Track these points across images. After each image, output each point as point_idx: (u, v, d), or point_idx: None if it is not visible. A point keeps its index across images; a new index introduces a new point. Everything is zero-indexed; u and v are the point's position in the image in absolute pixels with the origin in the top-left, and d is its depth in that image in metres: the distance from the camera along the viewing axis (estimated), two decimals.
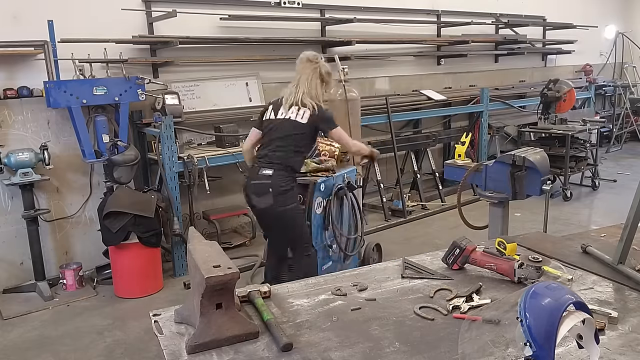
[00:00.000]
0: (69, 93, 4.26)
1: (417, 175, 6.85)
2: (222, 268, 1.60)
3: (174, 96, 4.82)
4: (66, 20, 4.44)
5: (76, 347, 3.63)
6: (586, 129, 6.93)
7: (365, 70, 6.79)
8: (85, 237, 4.87)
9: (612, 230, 2.55)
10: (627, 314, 1.74)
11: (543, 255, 2.09)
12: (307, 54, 3.58)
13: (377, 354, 1.56)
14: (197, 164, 4.69)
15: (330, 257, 4.08)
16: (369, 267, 2.27)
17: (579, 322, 1.32)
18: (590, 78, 9.60)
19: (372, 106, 6.36)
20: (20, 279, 4.58)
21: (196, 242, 1.85)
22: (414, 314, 1.79)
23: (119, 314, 4.12)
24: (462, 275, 2.10)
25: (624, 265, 2.06)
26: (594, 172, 7.45)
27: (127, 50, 4.87)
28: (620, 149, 10.14)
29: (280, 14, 5.84)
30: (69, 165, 4.73)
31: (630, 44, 10.86)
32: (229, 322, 1.62)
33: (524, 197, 3.68)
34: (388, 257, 4.61)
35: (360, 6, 6.56)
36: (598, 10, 10.41)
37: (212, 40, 5.28)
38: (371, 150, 3.85)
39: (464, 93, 7.68)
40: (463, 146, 4.08)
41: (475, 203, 6.12)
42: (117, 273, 4.46)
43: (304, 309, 1.86)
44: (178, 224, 4.67)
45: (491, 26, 8.35)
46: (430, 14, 7.40)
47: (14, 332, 3.88)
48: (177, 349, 1.60)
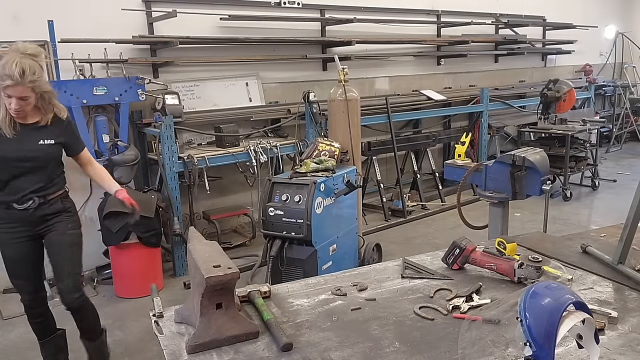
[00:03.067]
0: (69, 93, 4.26)
1: (417, 175, 6.85)
2: (222, 268, 1.60)
3: (174, 96, 4.83)
4: (66, 20, 4.44)
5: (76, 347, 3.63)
6: (586, 129, 6.93)
7: (365, 70, 6.80)
8: (85, 237, 4.82)
9: (612, 230, 2.55)
10: (627, 314, 1.74)
11: (543, 255, 2.09)
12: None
13: (377, 354, 1.56)
14: (197, 164, 4.69)
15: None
16: (369, 267, 2.27)
17: (579, 322, 1.32)
18: (590, 78, 9.59)
19: (372, 106, 6.36)
20: None
21: (196, 242, 1.85)
22: (414, 314, 1.79)
23: (119, 314, 4.11)
24: (462, 275, 2.10)
25: (623, 265, 2.06)
26: (594, 172, 7.46)
27: (127, 50, 4.87)
28: (620, 149, 10.14)
29: (280, 14, 5.84)
30: (69, 165, 4.69)
31: (630, 44, 10.86)
32: (229, 322, 1.63)
33: (524, 197, 3.68)
34: (388, 257, 4.61)
35: (360, 6, 6.56)
36: (598, 10, 10.41)
37: (212, 40, 5.28)
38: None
39: (464, 93, 7.68)
40: (463, 146, 4.08)
41: (475, 203, 6.13)
42: (117, 273, 4.46)
43: (304, 309, 1.86)
44: (178, 224, 4.67)
45: (491, 26, 8.35)
46: (430, 14, 7.40)
47: (14, 332, 3.88)
48: (177, 349, 1.61)
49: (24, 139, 2.66)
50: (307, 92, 5.40)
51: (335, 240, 4.11)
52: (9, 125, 2.62)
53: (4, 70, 2.45)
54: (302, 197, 3.77)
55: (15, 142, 2.64)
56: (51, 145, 2.74)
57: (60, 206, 2.86)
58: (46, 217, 2.81)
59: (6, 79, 2.45)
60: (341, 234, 4.21)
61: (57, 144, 2.79)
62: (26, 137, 2.67)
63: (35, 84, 2.52)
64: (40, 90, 2.58)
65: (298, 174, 3.96)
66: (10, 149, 2.63)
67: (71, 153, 2.95)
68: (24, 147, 2.66)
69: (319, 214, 3.84)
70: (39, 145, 2.70)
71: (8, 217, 2.74)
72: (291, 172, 4.07)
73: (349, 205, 4.31)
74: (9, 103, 2.55)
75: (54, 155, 2.79)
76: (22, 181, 2.69)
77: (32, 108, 2.65)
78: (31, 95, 2.55)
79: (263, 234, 4.01)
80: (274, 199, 3.87)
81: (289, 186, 3.89)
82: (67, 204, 2.93)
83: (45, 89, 2.62)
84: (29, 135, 2.68)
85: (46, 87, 2.64)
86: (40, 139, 2.70)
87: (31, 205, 2.72)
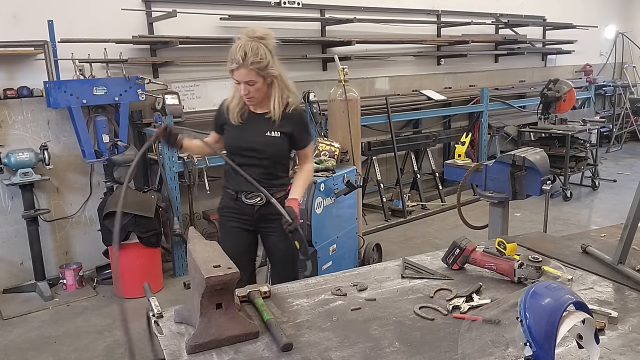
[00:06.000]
0: (69, 93, 4.26)
1: (417, 175, 6.85)
2: (222, 268, 1.60)
3: (174, 96, 4.83)
4: (66, 20, 4.44)
5: (76, 347, 3.63)
6: (586, 129, 6.92)
7: (365, 70, 6.79)
8: (85, 237, 4.87)
9: (612, 230, 2.55)
10: (627, 314, 1.74)
11: (543, 255, 2.09)
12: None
13: (377, 354, 1.56)
14: (197, 164, 4.69)
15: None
16: (369, 267, 2.27)
17: (579, 322, 1.32)
18: (590, 78, 9.59)
19: (372, 106, 6.36)
20: (20, 279, 4.58)
21: (196, 242, 1.85)
22: (414, 314, 1.79)
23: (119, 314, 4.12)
24: (462, 275, 2.10)
25: (624, 265, 2.06)
26: (594, 172, 7.45)
27: (127, 50, 4.87)
28: (620, 149, 10.14)
29: (280, 14, 5.84)
30: (69, 165, 4.72)
31: (630, 44, 10.85)
32: (229, 322, 1.63)
33: (524, 197, 3.68)
34: (388, 257, 4.62)
35: (360, 6, 6.56)
36: (598, 10, 10.41)
37: (212, 40, 5.28)
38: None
39: (464, 93, 7.68)
40: (463, 146, 4.09)
41: (475, 203, 6.13)
42: (117, 273, 4.46)
43: (304, 309, 1.86)
44: (178, 224, 4.67)
45: (491, 26, 8.35)
46: (430, 14, 7.40)
47: (14, 332, 3.88)
48: (177, 349, 1.61)
49: (250, 128, 2.57)
50: (307, 92, 5.40)
51: (335, 240, 4.11)
52: (238, 113, 2.55)
53: (231, 54, 2.41)
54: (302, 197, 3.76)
55: (240, 129, 2.57)
56: (277, 138, 2.57)
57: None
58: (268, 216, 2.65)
59: (232, 63, 2.41)
60: (341, 234, 4.21)
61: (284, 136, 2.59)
62: (252, 126, 2.57)
63: (260, 65, 2.39)
64: (267, 74, 2.44)
65: None
66: (235, 135, 2.58)
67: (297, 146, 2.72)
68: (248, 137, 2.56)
69: (319, 214, 3.84)
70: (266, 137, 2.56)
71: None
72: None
73: (349, 205, 4.31)
74: (240, 90, 2.48)
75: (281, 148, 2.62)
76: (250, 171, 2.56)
77: (264, 96, 2.52)
78: (258, 80, 2.43)
79: None
80: None
81: None
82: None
83: (272, 73, 2.46)
84: (255, 125, 2.57)
85: (273, 72, 2.47)
86: (267, 131, 2.56)
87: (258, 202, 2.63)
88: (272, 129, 2.56)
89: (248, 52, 2.37)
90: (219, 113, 2.67)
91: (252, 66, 2.39)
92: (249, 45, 2.39)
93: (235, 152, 2.61)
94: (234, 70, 2.42)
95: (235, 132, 2.59)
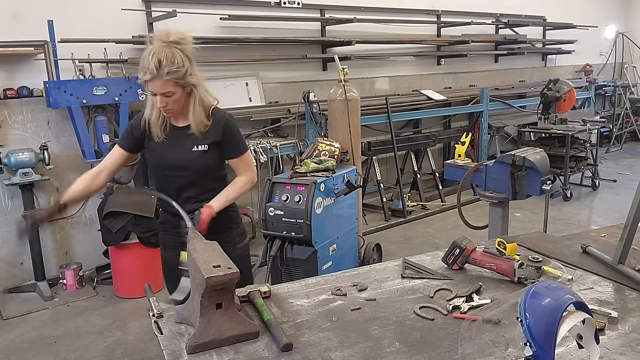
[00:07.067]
0: (69, 93, 4.26)
1: (417, 175, 6.85)
2: (222, 268, 1.60)
3: None
4: (66, 20, 4.44)
5: (76, 347, 3.63)
6: (586, 129, 6.93)
7: (365, 70, 6.80)
8: (85, 237, 4.87)
9: (612, 230, 2.55)
10: (627, 314, 1.74)
11: (543, 255, 2.09)
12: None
13: (377, 354, 1.56)
14: None
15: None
16: (369, 267, 2.27)
17: (579, 322, 1.32)
18: (590, 78, 9.59)
19: (372, 106, 6.36)
20: (20, 279, 4.58)
21: (196, 242, 1.85)
22: (414, 314, 1.79)
23: (119, 314, 4.12)
24: (462, 275, 2.10)
25: (624, 265, 2.06)
26: (594, 172, 7.45)
27: (127, 50, 4.87)
28: (620, 149, 10.14)
29: (280, 14, 5.84)
30: (69, 165, 4.72)
31: (630, 44, 10.86)
32: (229, 322, 1.62)
33: (524, 197, 3.68)
34: (388, 257, 4.62)
35: (360, 6, 6.56)
36: (598, 10, 10.41)
37: (212, 40, 5.28)
38: None
39: (464, 93, 7.67)
40: (463, 146, 4.09)
41: (475, 203, 6.13)
42: (117, 273, 4.46)
43: (304, 309, 1.86)
44: None
45: (491, 26, 8.35)
46: (430, 14, 7.40)
47: (14, 332, 3.88)
48: (177, 349, 1.60)
49: (174, 144, 2.31)
50: (307, 92, 5.40)
51: (335, 240, 4.11)
52: (161, 128, 2.29)
53: (142, 62, 2.15)
54: (302, 197, 3.77)
55: (164, 147, 2.31)
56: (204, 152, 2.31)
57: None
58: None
59: (144, 73, 2.14)
60: (341, 234, 4.20)
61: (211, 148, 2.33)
62: (177, 142, 2.30)
63: (177, 74, 2.13)
64: (186, 83, 2.19)
65: (298, 174, 3.96)
66: (160, 155, 2.34)
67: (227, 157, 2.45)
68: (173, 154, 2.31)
69: (319, 214, 3.84)
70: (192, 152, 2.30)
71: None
72: (291, 172, 4.07)
73: (349, 205, 4.31)
74: (156, 102, 2.20)
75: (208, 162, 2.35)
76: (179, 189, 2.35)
77: (184, 106, 2.26)
78: (176, 91, 2.17)
79: (263, 234, 4.01)
80: (274, 199, 3.88)
81: (289, 186, 3.89)
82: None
83: (191, 81, 2.21)
84: (179, 140, 2.30)
85: (192, 80, 2.21)
86: (194, 146, 2.30)
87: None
88: (197, 142, 2.29)
89: (163, 60, 2.11)
90: (134, 127, 2.37)
91: (168, 76, 2.12)
92: (163, 52, 2.13)
93: (163, 172, 2.37)
94: (147, 81, 2.16)
95: (160, 152, 2.33)
